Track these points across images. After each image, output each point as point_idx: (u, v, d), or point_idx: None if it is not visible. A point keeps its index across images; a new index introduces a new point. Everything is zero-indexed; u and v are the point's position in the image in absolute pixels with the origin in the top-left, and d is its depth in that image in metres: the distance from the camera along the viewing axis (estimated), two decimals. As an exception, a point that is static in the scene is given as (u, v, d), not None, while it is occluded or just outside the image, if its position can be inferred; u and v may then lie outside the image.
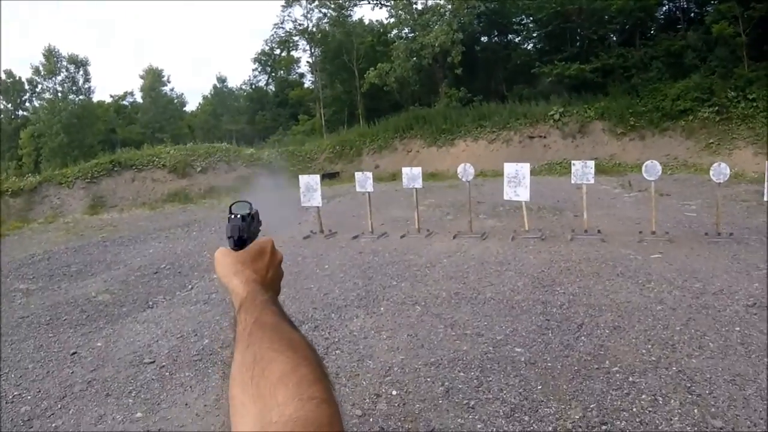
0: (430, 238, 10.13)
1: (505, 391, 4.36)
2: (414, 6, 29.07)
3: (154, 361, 5.44)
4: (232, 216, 1.00)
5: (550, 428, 3.88)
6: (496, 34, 30.85)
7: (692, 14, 24.90)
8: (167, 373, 5.15)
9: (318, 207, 11.09)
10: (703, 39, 20.60)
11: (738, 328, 5.45)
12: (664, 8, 25.92)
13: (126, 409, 4.54)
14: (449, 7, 27.41)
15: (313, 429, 0.56)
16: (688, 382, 4.44)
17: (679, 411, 4.05)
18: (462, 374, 4.67)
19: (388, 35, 33.05)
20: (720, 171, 9.03)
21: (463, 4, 26.56)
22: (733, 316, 5.75)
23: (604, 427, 3.87)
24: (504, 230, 10.30)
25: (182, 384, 4.91)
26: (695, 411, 4.03)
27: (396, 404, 4.25)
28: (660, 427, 3.88)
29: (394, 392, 4.41)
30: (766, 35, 19.00)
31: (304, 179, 11.17)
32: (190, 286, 8.11)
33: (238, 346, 0.73)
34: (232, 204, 1.03)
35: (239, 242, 0.98)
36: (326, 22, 35.69)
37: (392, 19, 31.51)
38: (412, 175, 10.86)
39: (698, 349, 5.05)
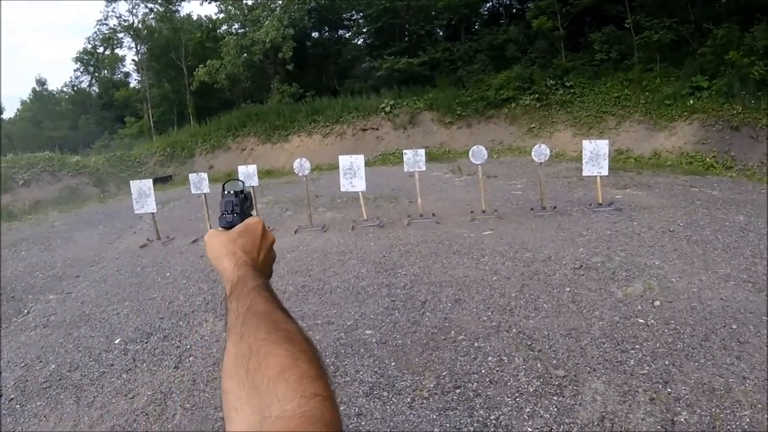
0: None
1: (361, 372, 4.54)
2: (244, 1, 28.30)
3: (1, 395, 4.89)
4: (226, 193, 1.01)
5: (408, 399, 4.09)
6: (326, 29, 30.95)
7: (514, 10, 26.89)
8: (18, 406, 4.68)
9: (153, 213, 10.44)
10: (523, 33, 22.38)
11: (568, 289, 6.08)
12: (488, 4, 27.68)
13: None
14: (280, 2, 26.95)
15: (318, 426, 0.55)
16: (528, 341, 4.88)
17: (524, 367, 4.45)
18: None
19: (218, 31, 31.84)
20: (541, 152, 9.81)
21: None
22: (563, 279, 6.38)
23: (458, 391, 4.14)
24: (343, 221, 10.42)
25: (36, 414, 4.51)
26: (538, 365, 4.44)
27: None
28: (509, 383, 4.23)
29: None
30: (582, 29, 21.20)
31: (135, 185, 10.46)
32: (26, 311, 7.30)
33: (230, 336, 0.71)
34: (225, 182, 1.05)
35: (231, 219, 0.99)
36: (153, 18, 33.67)
37: (222, 15, 30.41)
38: (247, 173, 10.63)
39: (534, 310, 5.57)
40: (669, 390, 3.96)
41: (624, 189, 10.90)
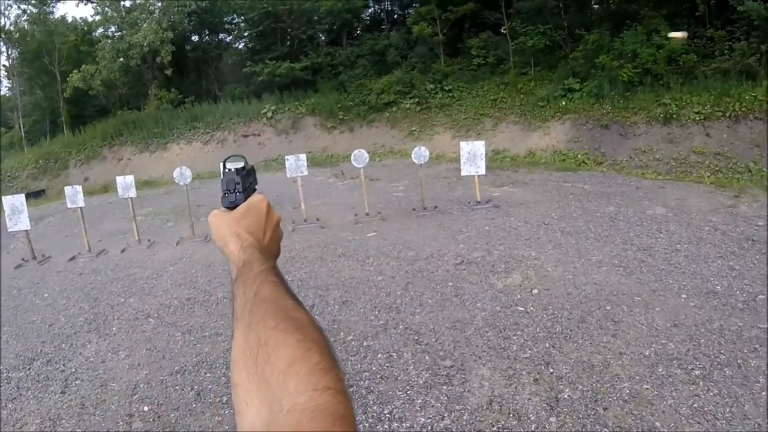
0: (153, 248, 9.60)
1: None
2: (122, 3, 27.00)
3: None
4: (227, 170, 0.97)
5: None
6: (207, 33, 30.07)
7: (395, 16, 27.49)
8: None
9: (27, 230, 9.70)
10: (404, 38, 22.88)
11: (451, 283, 6.29)
12: (370, 10, 28.02)
13: None
14: (159, 4, 25.99)
15: (330, 420, 0.55)
16: (415, 336, 5.00)
17: (413, 361, 4.57)
18: (209, 375, 4.75)
19: (94, 34, 30.17)
20: (420, 154, 10.09)
21: (174, 1, 25.41)
22: (445, 274, 6.60)
23: (350, 389, 4.15)
24: (227, 230, 10.10)
25: None
26: (426, 358, 4.56)
27: (151, 419, 4.21)
28: (399, 378, 4.35)
29: (146, 408, 4.37)
30: (460, 35, 21.97)
31: (7, 201, 9.67)
32: None
33: (238, 325, 0.69)
34: (226, 159, 0.99)
35: (234, 198, 0.95)
36: (26, 20, 31.40)
37: (98, 17, 28.83)
38: (126, 184, 10.13)
39: (419, 306, 5.73)
40: (551, 370, 4.18)
41: (501, 187, 11.38)
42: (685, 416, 3.56)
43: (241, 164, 0.98)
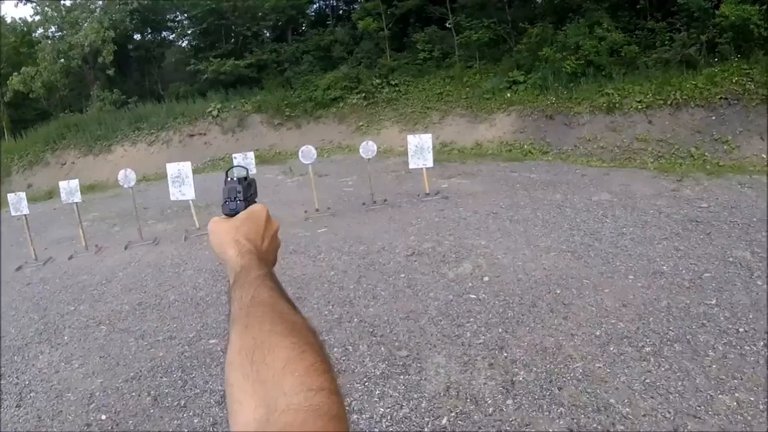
0: (101, 253, 9.34)
1: (210, 382, 4.51)
2: (62, 2, 26.09)
3: None
4: (229, 179, 1.01)
5: None
6: (149, 31, 29.32)
7: (341, 11, 27.15)
8: None
9: None
10: (350, 34, 22.75)
11: (403, 275, 6.31)
12: (315, 6, 27.63)
13: None
14: (100, 3, 25.26)
15: (324, 420, 0.55)
16: (370, 328, 5.01)
17: (369, 353, 4.58)
18: (165, 379, 4.70)
19: (34, 35, 29.13)
20: (368, 148, 10.09)
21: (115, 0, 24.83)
22: (397, 266, 6.63)
23: None
24: (175, 232, 9.98)
25: None
26: (382, 349, 4.57)
27: (109, 427, 4.18)
28: (356, 370, 4.35)
29: (103, 417, 4.31)
30: (406, 29, 21.97)
31: None
32: None
33: (235, 327, 0.70)
34: (228, 169, 1.04)
35: (235, 206, 0.98)
36: None
37: (38, 17, 27.82)
38: (70, 189, 9.84)
39: (373, 299, 5.74)
40: (505, 354, 4.22)
41: (449, 178, 11.45)
42: (639, 392, 3.63)
43: (243, 174, 1.02)
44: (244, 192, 1.00)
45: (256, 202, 1.04)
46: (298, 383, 0.58)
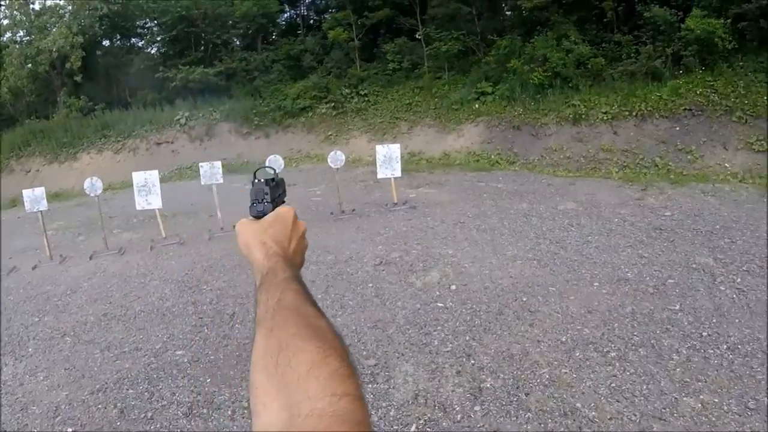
0: (66, 263, 9.16)
1: (177, 394, 4.48)
2: (31, 6, 25.62)
3: None
4: (256, 180, 1.01)
5: (229, 412, 4.13)
6: (118, 37, 28.98)
7: (311, 21, 27.15)
8: None
9: None
10: (320, 43, 22.76)
11: (371, 284, 6.31)
12: (285, 15, 27.59)
13: None
14: (69, 8, 24.89)
15: (348, 426, 0.55)
16: None
17: None
18: (131, 391, 4.65)
19: (1, 39, 28.55)
20: (336, 158, 10.10)
21: (85, 4, 24.36)
22: (365, 276, 6.62)
23: None
24: (141, 241, 9.84)
25: None
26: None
27: None
28: None
29: (69, 430, 4.27)
30: (376, 40, 22.16)
31: None
32: None
33: (260, 330, 0.71)
34: (257, 170, 1.06)
35: (262, 208, 0.98)
36: None
37: (6, 21, 27.26)
38: (34, 198, 9.62)
39: (341, 308, 5.73)
40: (473, 362, 4.23)
41: (417, 188, 11.49)
42: (605, 396, 3.67)
43: (270, 176, 1.02)
44: (272, 193, 0.99)
45: (285, 202, 1.05)
46: (322, 388, 0.58)
